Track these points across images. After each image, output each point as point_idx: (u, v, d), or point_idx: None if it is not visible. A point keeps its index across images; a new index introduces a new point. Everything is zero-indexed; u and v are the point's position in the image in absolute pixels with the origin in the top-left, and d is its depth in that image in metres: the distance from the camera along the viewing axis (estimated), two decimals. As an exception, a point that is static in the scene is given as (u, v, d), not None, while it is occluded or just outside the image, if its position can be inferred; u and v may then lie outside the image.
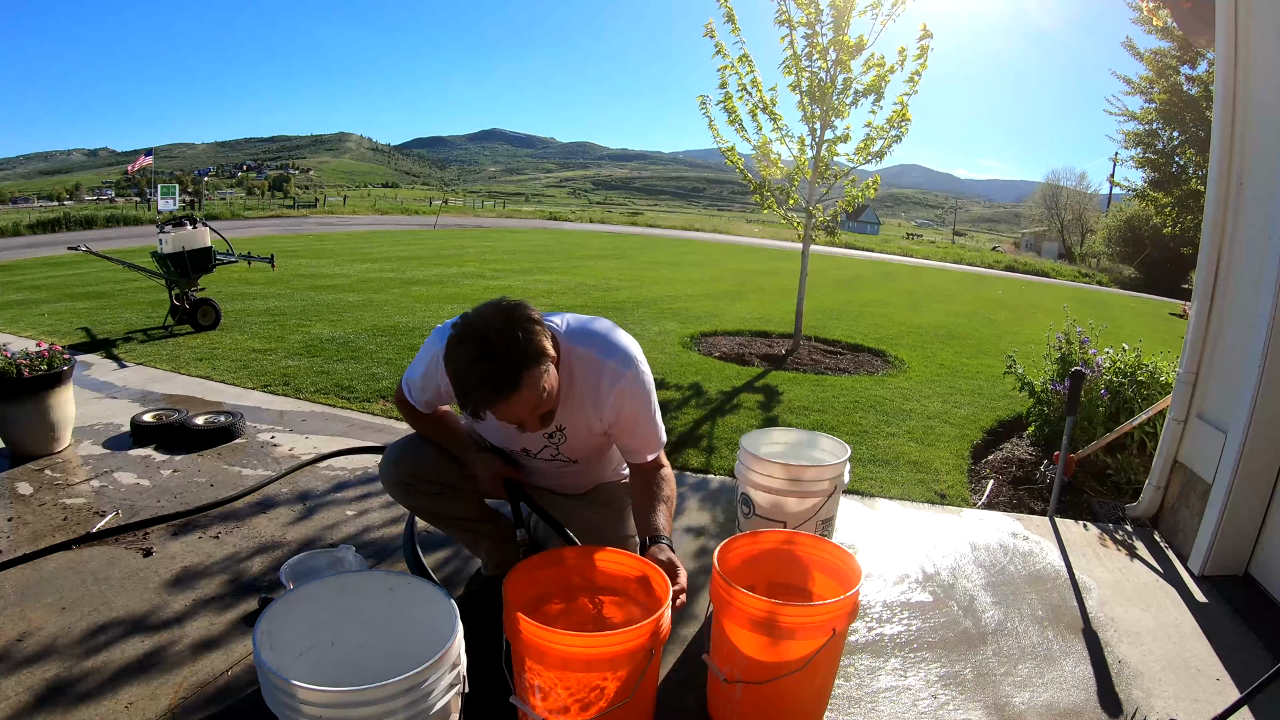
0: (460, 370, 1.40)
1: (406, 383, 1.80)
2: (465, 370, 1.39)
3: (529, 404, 1.45)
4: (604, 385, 1.62)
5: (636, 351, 1.68)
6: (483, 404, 1.41)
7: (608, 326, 1.69)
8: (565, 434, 1.72)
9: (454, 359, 1.41)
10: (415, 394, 1.78)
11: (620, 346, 1.65)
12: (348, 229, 20.95)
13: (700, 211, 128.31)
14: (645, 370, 1.68)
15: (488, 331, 1.39)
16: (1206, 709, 1.79)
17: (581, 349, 1.63)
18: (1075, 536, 2.82)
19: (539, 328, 1.45)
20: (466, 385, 1.40)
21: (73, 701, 1.63)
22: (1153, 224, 22.69)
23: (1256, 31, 2.56)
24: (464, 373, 1.39)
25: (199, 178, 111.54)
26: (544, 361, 1.44)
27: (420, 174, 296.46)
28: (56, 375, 2.99)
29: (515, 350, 1.39)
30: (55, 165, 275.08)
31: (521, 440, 1.76)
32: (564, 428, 1.70)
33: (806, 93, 5.34)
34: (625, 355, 1.65)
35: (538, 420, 1.55)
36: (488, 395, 1.39)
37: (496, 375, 1.38)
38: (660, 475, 1.74)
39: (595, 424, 1.68)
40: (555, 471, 1.86)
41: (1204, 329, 2.83)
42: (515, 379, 1.39)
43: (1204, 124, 14.94)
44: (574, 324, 1.67)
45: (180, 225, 5.61)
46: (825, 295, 10.41)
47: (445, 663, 1.25)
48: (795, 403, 4.41)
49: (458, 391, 1.43)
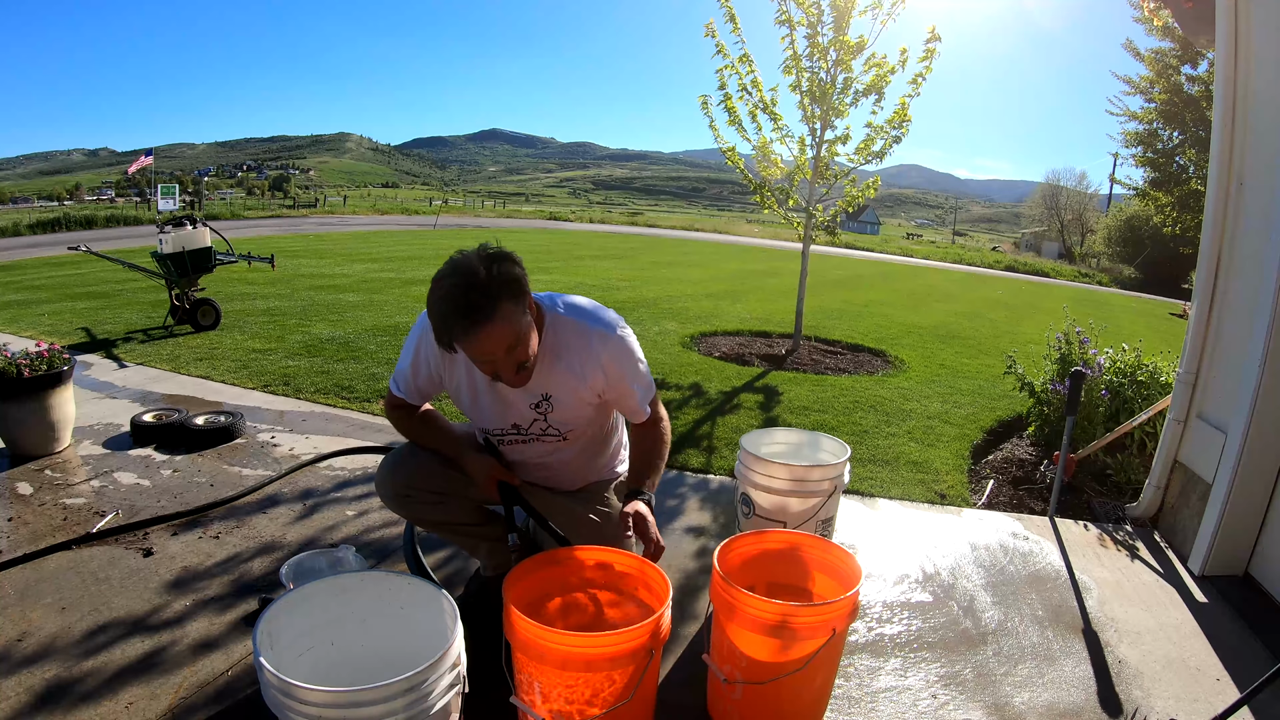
0: (440, 299, 1.44)
1: (395, 379, 1.82)
2: (445, 297, 1.43)
3: (503, 338, 1.47)
4: (592, 348, 1.68)
5: (622, 320, 1.76)
6: (459, 332, 1.44)
7: (594, 303, 1.78)
8: (553, 402, 1.74)
9: (436, 290, 1.45)
10: (405, 385, 1.79)
11: (606, 315, 1.74)
12: (348, 229, 20.95)
13: (700, 211, 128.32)
14: (631, 335, 1.75)
15: (471, 265, 1.46)
16: (1206, 709, 1.79)
17: (567, 317, 1.70)
18: (1075, 537, 2.82)
19: (520, 271, 1.52)
20: (445, 311, 1.43)
21: (73, 702, 1.63)
22: (1153, 224, 22.67)
23: (1257, 31, 2.56)
24: (443, 301, 1.44)
25: (199, 178, 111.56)
26: (522, 299, 1.50)
27: (420, 174, 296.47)
28: (56, 375, 2.99)
29: (493, 282, 1.44)
30: (55, 165, 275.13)
31: (511, 414, 1.76)
32: (550, 395, 1.73)
33: (807, 93, 5.34)
34: (611, 321, 1.73)
35: (514, 368, 1.54)
36: (462, 322, 1.43)
37: (473, 302, 1.42)
38: (655, 432, 1.81)
39: (583, 390, 1.72)
40: (547, 457, 1.85)
41: (1204, 329, 2.83)
42: (490, 308, 1.43)
43: (1204, 124, 14.94)
44: (560, 296, 1.76)
45: (180, 225, 5.61)
46: (825, 295, 10.41)
47: (445, 663, 1.25)
48: (795, 403, 4.41)
49: (436, 323, 1.47)
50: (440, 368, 1.74)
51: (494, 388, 1.71)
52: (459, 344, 1.47)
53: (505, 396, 1.73)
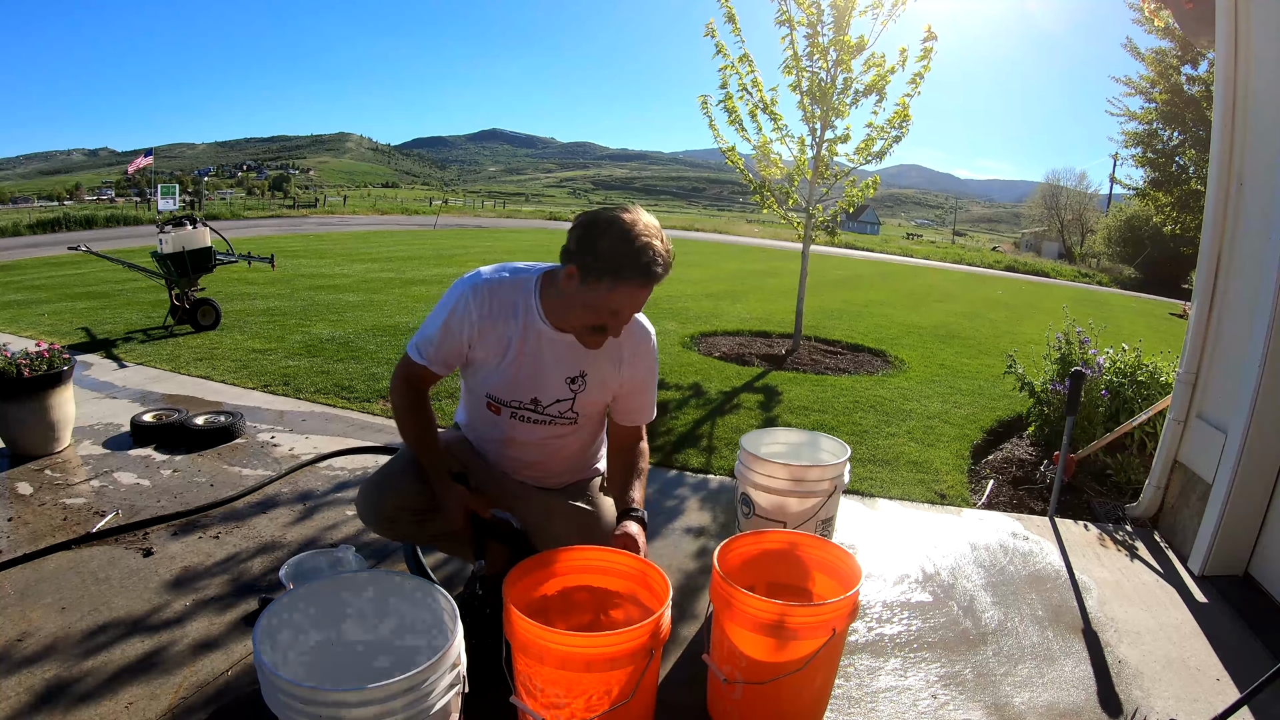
0: (643, 238, 1.50)
1: (418, 346, 1.73)
2: (651, 242, 1.51)
3: (645, 300, 1.59)
4: (635, 340, 1.76)
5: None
6: (651, 274, 1.52)
7: None
8: (586, 382, 1.76)
9: (637, 224, 1.51)
10: (427, 351, 1.71)
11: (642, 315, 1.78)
12: (348, 229, 20.95)
13: (700, 211, 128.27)
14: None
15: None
16: (1206, 709, 1.79)
17: None
18: (1075, 537, 2.82)
19: None
20: (647, 253, 1.50)
21: (73, 702, 1.62)
22: (1153, 224, 22.67)
23: (1257, 31, 2.56)
24: (649, 243, 1.51)
25: (199, 178, 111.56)
26: None
27: (420, 174, 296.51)
28: (56, 375, 2.99)
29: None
30: (55, 165, 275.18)
31: (540, 386, 1.74)
32: (586, 375, 1.75)
33: (807, 93, 5.34)
34: (647, 323, 1.81)
35: (620, 328, 1.61)
36: (659, 267, 1.52)
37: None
38: (640, 448, 1.86)
39: (613, 379, 1.77)
40: (550, 441, 1.83)
41: (1204, 329, 2.83)
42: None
43: (1204, 124, 14.93)
44: None
45: (180, 225, 5.61)
46: (825, 295, 10.41)
47: (445, 663, 1.25)
48: (795, 403, 4.41)
49: (630, 259, 1.49)
50: (474, 334, 1.69)
51: (537, 355, 1.71)
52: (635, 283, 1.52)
53: (543, 368, 1.72)
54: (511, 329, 1.69)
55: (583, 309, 1.58)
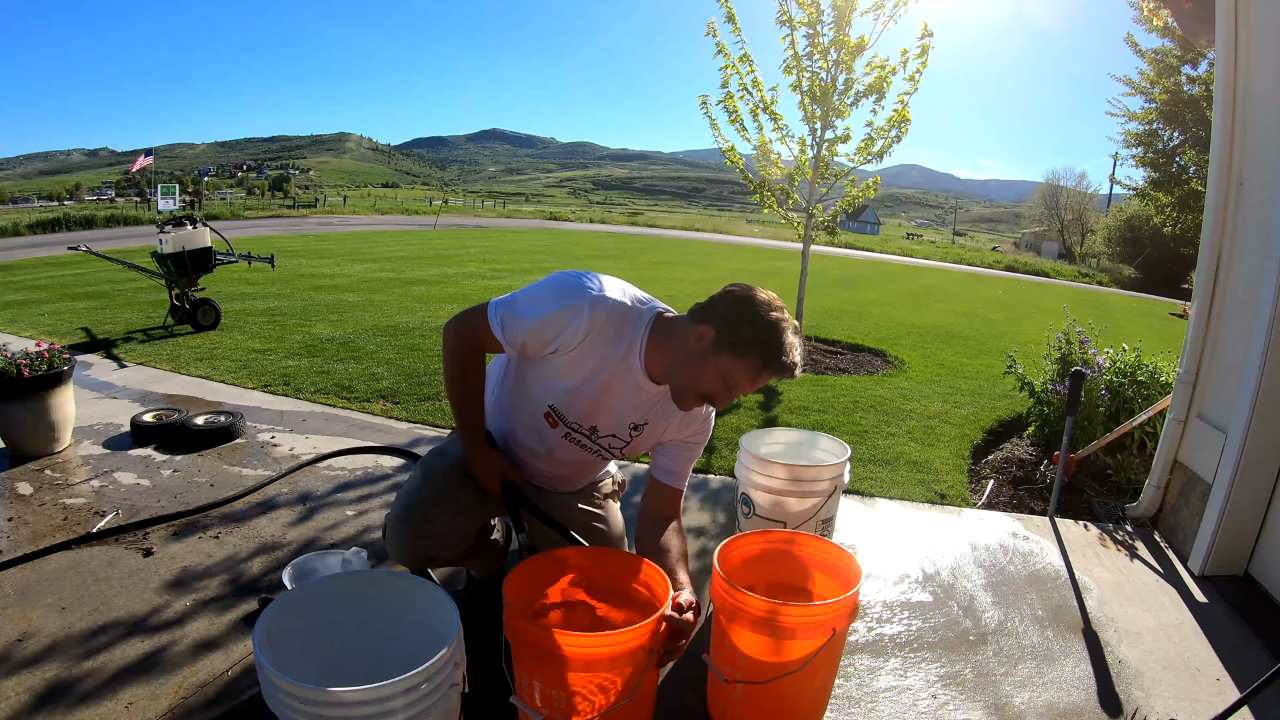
0: (791, 338, 1.50)
1: (504, 320, 1.55)
2: (787, 338, 1.50)
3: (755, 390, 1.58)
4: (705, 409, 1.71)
5: None
6: (786, 372, 1.50)
7: None
8: (643, 430, 1.72)
9: (777, 321, 1.50)
10: (512, 330, 1.55)
11: None
12: (348, 229, 20.95)
13: (700, 211, 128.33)
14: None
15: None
16: (1206, 709, 1.79)
17: None
18: (1075, 537, 2.82)
19: None
20: (791, 354, 1.50)
21: (73, 702, 1.63)
22: (1153, 224, 22.70)
23: (1257, 32, 2.56)
24: (785, 338, 1.49)
25: (199, 178, 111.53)
26: None
27: (420, 174, 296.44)
28: (56, 375, 2.99)
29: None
30: (55, 165, 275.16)
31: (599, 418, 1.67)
32: (647, 425, 1.71)
33: (807, 93, 5.34)
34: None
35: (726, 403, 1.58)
36: (792, 371, 1.51)
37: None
38: (678, 526, 1.77)
39: (664, 431, 1.73)
40: (579, 463, 1.81)
41: (1204, 329, 2.83)
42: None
43: (1204, 124, 14.94)
44: None
45: (180, 225, 5.61)
46: (825, 295, 10.41)
47: (445, 663, 1.25)
48: (795, 403, 4.41)
49: (776, 349, 1.48)
50: (571, 346, 1.54)
51: (619, 394, 1.63)
52: (769, 372, 1.50)
53: (618, 406, 1.65)
54: (609, 358, 1.57)
55: (699, 371, 1.51)
